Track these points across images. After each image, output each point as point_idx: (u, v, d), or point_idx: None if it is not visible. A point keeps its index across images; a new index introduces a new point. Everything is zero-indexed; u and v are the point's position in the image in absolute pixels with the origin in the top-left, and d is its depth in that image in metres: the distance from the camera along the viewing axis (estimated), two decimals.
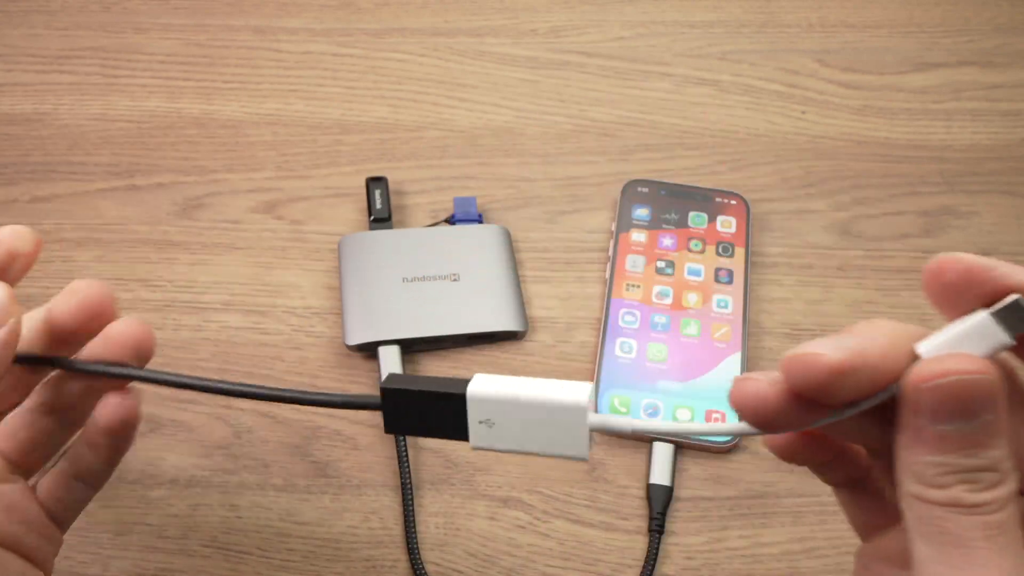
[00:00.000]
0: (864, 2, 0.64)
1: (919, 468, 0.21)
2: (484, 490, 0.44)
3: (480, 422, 0.25)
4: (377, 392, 0.46)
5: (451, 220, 0.52)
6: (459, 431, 0.26)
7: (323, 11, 0.63)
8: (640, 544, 0.42)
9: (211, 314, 0.49)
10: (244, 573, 0.42)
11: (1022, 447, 0.22)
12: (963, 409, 0.20)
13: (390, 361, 0.46)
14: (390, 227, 0.52)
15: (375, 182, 0.53)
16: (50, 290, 0.50)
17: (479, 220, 0.52)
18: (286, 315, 0.49)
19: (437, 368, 0.48)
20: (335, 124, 0.57)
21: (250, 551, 0.42)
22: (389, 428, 0.26)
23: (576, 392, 0.25)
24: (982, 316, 0.21)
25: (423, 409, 0.26)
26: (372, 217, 0.52)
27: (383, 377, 0.46)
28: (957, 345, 0.21)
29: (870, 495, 0.28)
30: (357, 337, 0.47)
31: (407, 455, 0.44)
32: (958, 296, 0.22)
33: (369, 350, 0.47)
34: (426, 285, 0.48)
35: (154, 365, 0.47)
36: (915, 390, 0.21)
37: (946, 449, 0.21)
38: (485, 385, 0.25)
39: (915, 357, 0.22)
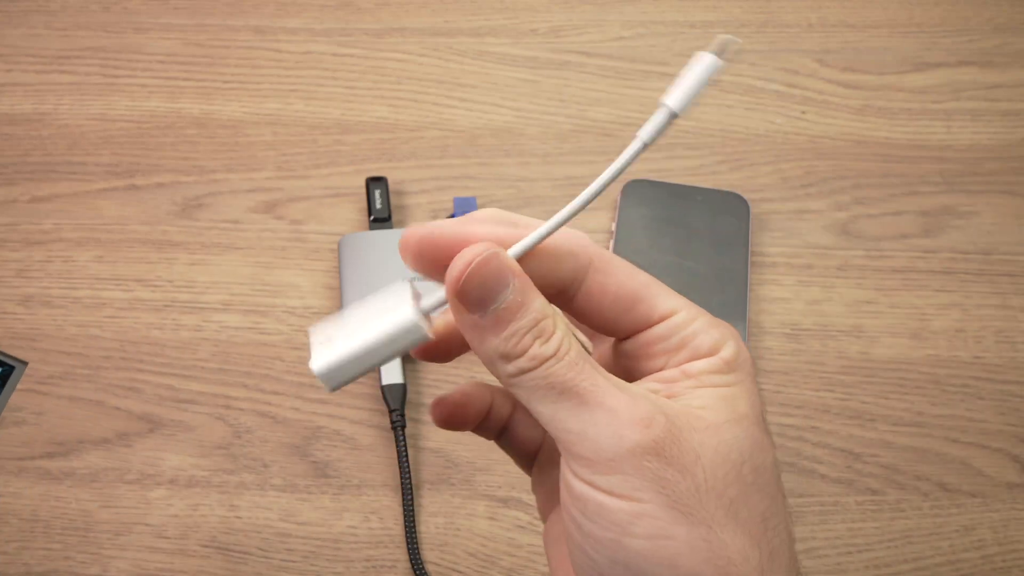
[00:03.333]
0: (864, 2, 0.64)
1: (503, 350, 0.23)
2: (484, 490, 0.44)
3: (320, 343, 0.25)
4: (379, 393, 0.46)
5: None
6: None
7: (323, 11, 0.63)
8: None
9: (211, 314, 0.49)
10: (244, 573, 0.42)
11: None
12: (495, 285, 0.23)
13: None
14: (390, 227, 0.52)
15: (375, 182, 0.53)
16: (50, 289, 0.50)
17: None
18: (286, 315, 0.49)
19: (437, 367, 0.48)
20: (335, 124, 0.57)
21: (250, 551, 0.42)
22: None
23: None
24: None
25: None
26: (372, 217, 0.52)
27: (382, 377, 0.46)
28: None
29: (542, 482, 0.30)
30: None
31: (407, 455, 0.44)
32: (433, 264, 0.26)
33: None
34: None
35: (153, 365, 0.48)
36: (454, 295, 0.24)
37: (506, 321, 0.23)
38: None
39: None
